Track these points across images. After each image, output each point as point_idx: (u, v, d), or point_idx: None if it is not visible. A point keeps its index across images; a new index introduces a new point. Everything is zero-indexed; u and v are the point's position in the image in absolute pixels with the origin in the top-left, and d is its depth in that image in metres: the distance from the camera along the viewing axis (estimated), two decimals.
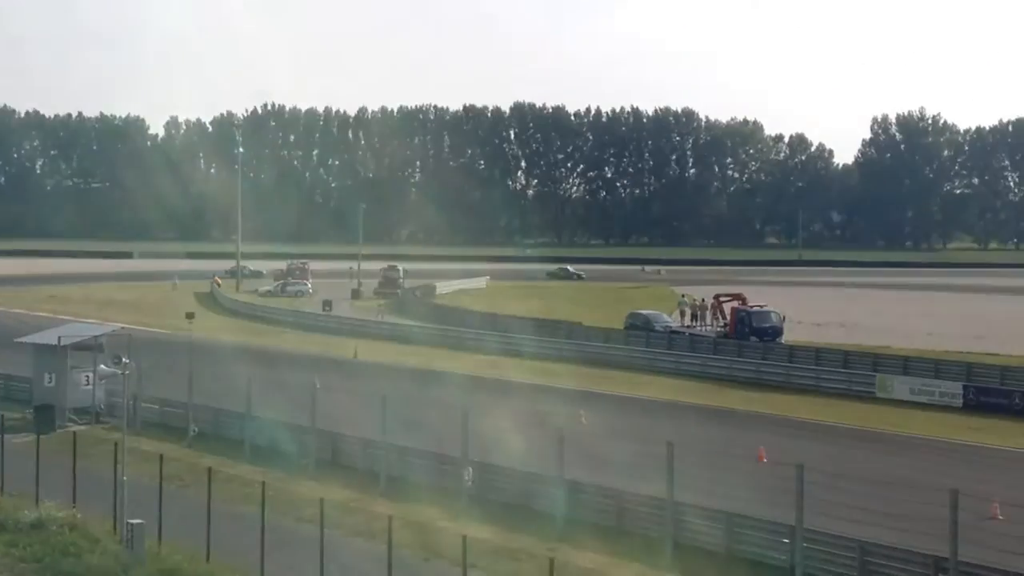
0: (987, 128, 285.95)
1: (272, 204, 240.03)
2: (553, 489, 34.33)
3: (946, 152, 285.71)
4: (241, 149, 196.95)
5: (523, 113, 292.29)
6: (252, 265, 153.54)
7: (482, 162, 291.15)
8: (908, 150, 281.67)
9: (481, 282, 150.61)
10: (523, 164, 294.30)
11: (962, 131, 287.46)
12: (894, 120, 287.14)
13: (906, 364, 66.34)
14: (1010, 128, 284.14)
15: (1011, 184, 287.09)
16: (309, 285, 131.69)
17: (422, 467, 39.32)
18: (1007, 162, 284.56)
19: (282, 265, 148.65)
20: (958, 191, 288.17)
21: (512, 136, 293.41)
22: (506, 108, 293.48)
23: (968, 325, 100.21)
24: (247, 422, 44.60)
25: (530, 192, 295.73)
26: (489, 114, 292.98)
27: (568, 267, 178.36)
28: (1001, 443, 49.01)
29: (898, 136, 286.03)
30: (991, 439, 49.84)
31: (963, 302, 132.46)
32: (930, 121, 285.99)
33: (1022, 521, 30.45)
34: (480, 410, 41.73)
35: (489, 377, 66.67)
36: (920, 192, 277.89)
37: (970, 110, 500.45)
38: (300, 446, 42.62)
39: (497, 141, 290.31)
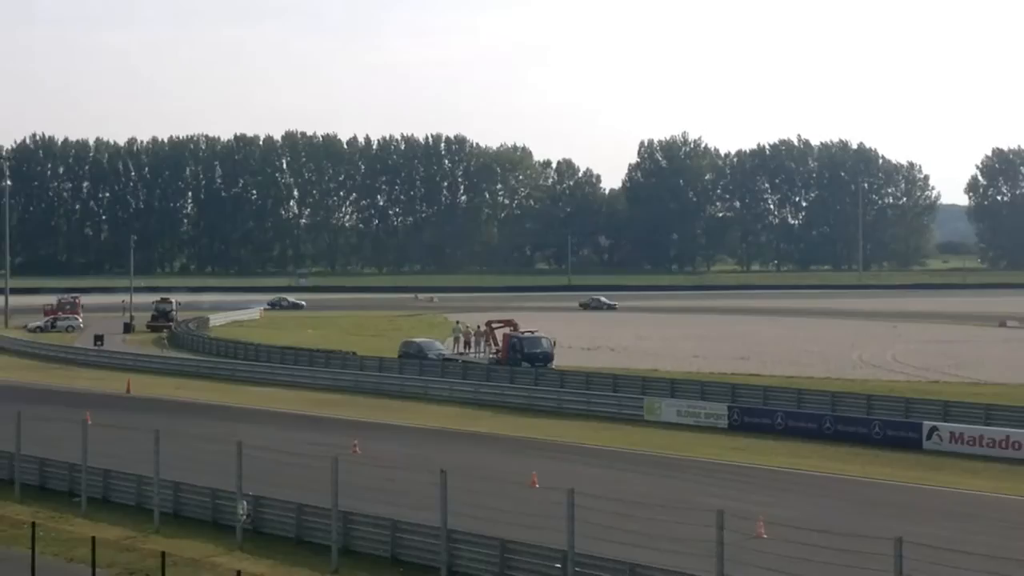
0: (747, 151, 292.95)
1: (41, 237, 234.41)
2: (327, 521, 34.13)
3: (708, 176, 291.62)
4: (8, 182, 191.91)
5: (295, 141, 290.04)
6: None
7: (254, 191, 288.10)
8: (672, 174, 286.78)
9: (255, 313, 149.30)
10: (296, 193, 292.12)
11: (723, 155, 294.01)
12: (658, 145, 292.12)
13: (673, 387, 67.57)
14: (768, 152, 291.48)
15: (771, 207, 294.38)
16: (80, 320, 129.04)
17: (197, 502, 38.74)
18: (767, 185, 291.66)
19: (52, 300, 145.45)
20: (720, 214, 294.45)
21: (284, 165, 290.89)
22: (278, 137, 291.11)
23: (732, 346, 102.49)
24: (16, 461, 43.42)
25: (303, 221, 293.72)
26: (261, 143, 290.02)
27: (601, 297, 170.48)
28: (765, 462, 50.16)
29: (662, 161, 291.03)
30: (755, 458, 51.00)
31: (727, 324, 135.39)
32: (692, 145, 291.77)
33: (785, 539, 31.15)
34: (254, 443, 41.26)
35: (265, 409, 66.12)
36: (684, 215, 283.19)
37: (730, 135, 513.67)
38: (71, 484, 41.69)
39: (269, 170, 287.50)
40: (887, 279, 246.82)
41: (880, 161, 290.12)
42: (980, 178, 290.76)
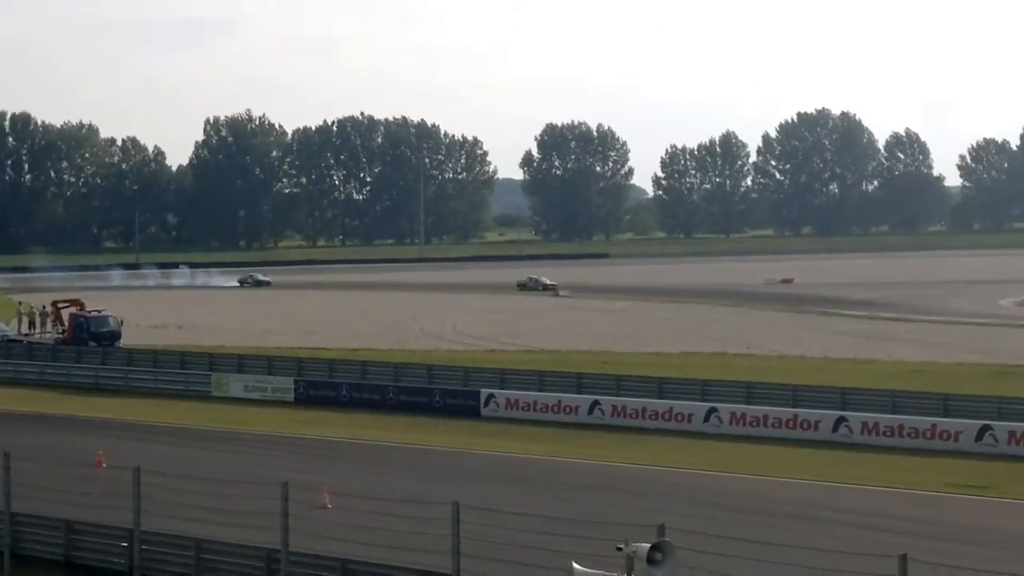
0: (313, 128, 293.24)
1: None
2: None
3: (275, 152, 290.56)
4: None
5: None
6: None
7: None
8: (239, 151, 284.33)
9: None
10: None
11: (289, 132, 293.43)
12: (224, 122, 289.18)
13: (240, 362, 67.36)
14: (335, 128, 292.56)
15: (336, 182, 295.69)
16: None
17: None
18: (332, 161, 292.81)
19: None
20: (287, 191, 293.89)
21: None
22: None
23: (299, 321, 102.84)
24: None
25: None
26: None
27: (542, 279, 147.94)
28: (330, 434, 50.78)
29: (229, 138, 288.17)
30: (321, 431, 51.54)
31: (294, 299, 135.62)
32: (257, 123, 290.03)
33: (349, 508, 31.75)
34: None
35: None
36: (251, 192, 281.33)
37: (296, 112, 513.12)
38: None
39: None
40: (447, 252, 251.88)
41: (442, 137, 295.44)
42: (534, 153, 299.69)
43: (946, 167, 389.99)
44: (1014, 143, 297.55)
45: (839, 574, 23.92)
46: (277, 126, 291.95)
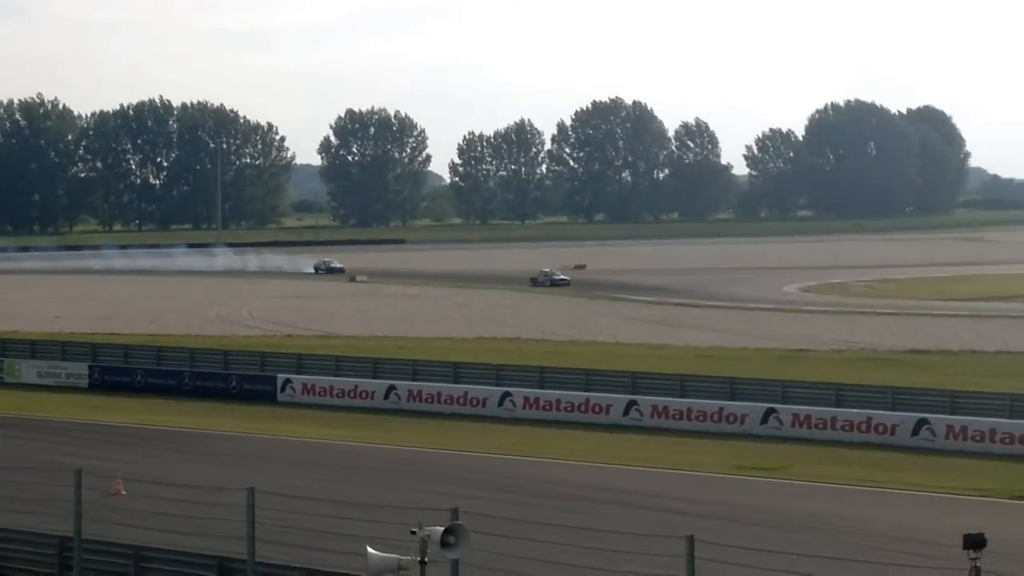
0: (110, 112, 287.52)
1: None
2: None
3: (69, 136, 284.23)
4: None
5: None
6: None
7: None
8: (32, 135, 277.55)
9: None
10: None
11: (85, 116, 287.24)
12: (17, 106, 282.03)
13: (34, 348, 65.76)
14: (131, 113, 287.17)
15: (133, 167, 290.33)
16: None
17: None
18: (129, 146, 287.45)
19: None
20: (83, 175, 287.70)
21: None
22: None
23: (95, 306, 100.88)
24: None
25: None
26: None
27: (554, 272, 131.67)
28: (125, 420, 49.95)
29: (22, 122, 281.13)
30: (115, 416, 50.69)
31: (89, 284, 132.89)
32: (50, 106, 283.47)
33: (143, 495, 31.29)
34: None
35: None
36: (46, 176, 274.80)
37: (91, 96, 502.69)
38: None
39: None
40: (244, 237, 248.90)
41: (240, 122, 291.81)
42: (333, 139, 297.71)
43: (734, 156, 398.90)
44: (799, 133, 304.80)
45: (629, 555, 24.28)
46: (73, 111, 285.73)
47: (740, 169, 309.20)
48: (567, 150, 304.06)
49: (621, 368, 56.63)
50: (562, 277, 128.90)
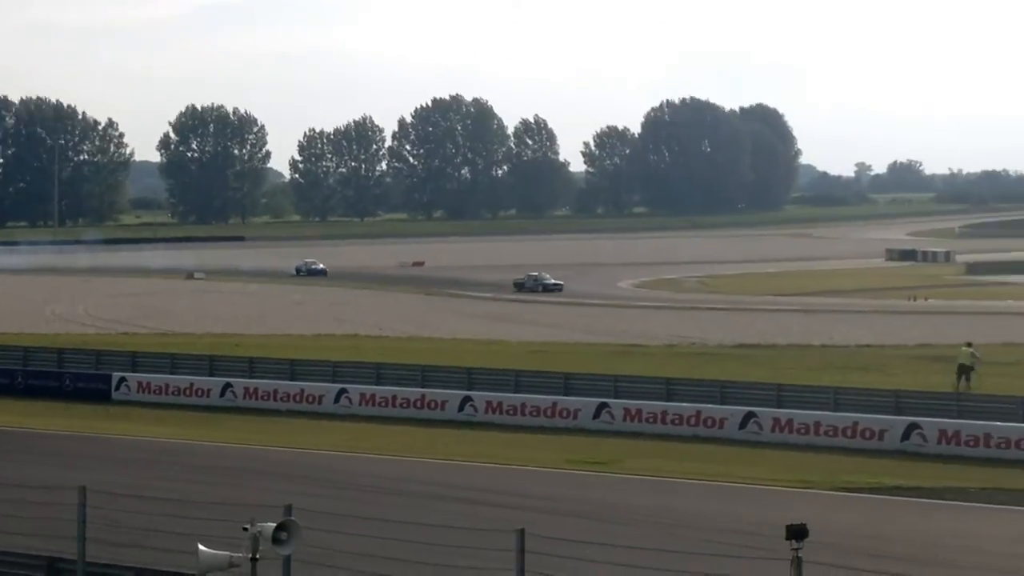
0: None
1: None
2: None
3: None
4: None
5: None
6: None
7: None
8: None
9: None
10: None
11: None
12: None
13: None
14: None
15: None
16: None
17: None
18: None
19: None
20: None
21: None
22: None
23: None
24: None
25: None
26: None
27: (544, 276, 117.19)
28: None
29: None
30: None
31: None
32: None
33: None
34: None
35: None
36: None
37: None
38: None
39: None
40: (82, 234, 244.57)
41: (79, 118, 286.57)
42: (172, 135, 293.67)
43: (572, 154, 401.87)
44: (635, 131, 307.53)
45: (461, 550, 24.38)
46: None
47: (578, 166, 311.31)
48: (407, 147, 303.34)
49: (457, 364, 56.82)
50: (555, 282, 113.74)
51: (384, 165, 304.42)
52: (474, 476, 38.90)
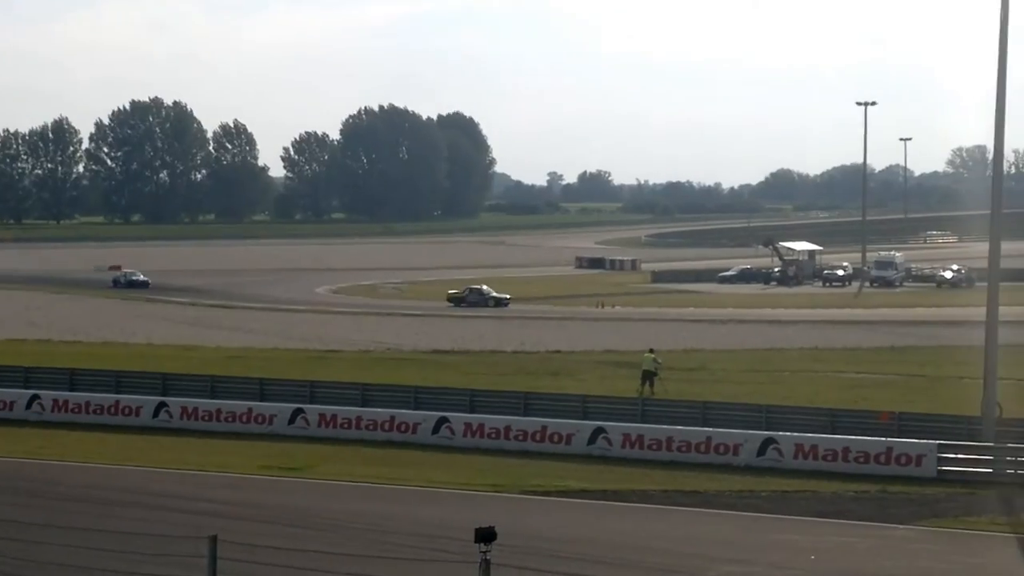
0: None
1: None
2: None
3: None
4: None
5: None
6: None
7: None
8: None
9: None
10: None
11: None
12: None
13: None
14: None
15: None
16: None
17: None
18: None
19: None
20: None
21: None
22: None
23: None
24: None
25: None
26: None
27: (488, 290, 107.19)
28: None
29: None
30: None
31: None
32: None
33: None
34: None
35: None
36: None
37: None
38: None
39: None
40: None
41: None
42: None
43: (272, 159, 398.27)
44: (334, 137, 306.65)
45: (150, 557, 23.99)
46: None
47: (277, 171, 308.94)
48: (105, 149, 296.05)
49: (153, 369, 55.86)
50: (502, 296, 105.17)
51: (81, 167, 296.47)
52: (166, 482, 38.29)
